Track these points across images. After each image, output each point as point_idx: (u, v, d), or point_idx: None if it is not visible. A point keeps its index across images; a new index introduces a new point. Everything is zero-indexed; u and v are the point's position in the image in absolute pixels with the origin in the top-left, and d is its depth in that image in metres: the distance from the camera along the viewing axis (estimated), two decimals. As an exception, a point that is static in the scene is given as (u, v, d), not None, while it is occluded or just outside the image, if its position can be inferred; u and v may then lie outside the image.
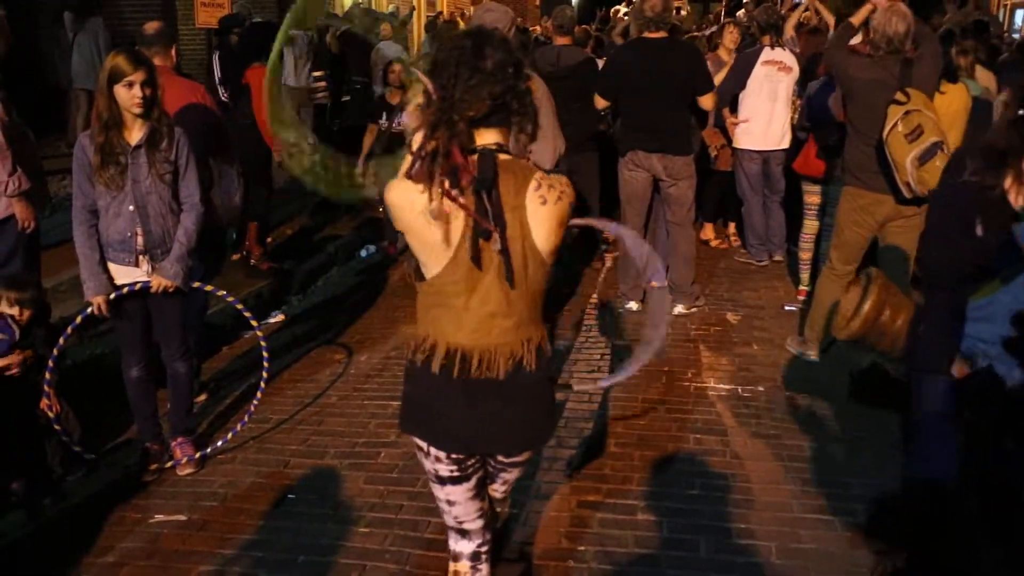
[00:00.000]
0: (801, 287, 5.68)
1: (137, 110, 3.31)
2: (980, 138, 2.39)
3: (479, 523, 2.34)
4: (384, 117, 6.82)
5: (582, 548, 3.12)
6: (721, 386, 4.45)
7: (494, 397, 2.09)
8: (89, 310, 3.48)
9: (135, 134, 3.36)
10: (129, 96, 3.28)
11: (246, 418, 3.92)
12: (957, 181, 2.36)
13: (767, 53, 6.01)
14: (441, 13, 17.77)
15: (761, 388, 4.41)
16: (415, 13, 15.43)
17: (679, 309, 5.45)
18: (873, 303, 3.08)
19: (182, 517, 3.37)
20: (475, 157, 1.99)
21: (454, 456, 2.18)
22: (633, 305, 5.49)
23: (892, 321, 3.07)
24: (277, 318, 5.62)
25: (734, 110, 6.22)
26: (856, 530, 3.19)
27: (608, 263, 6.41)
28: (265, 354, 3.88)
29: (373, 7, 15.25)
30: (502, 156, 2.02)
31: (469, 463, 2.22)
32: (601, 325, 5.32)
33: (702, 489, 3.47)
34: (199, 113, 4.42)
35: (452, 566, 2.41)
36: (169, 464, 3.68)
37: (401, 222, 2.04)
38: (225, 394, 4.47)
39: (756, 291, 5.93)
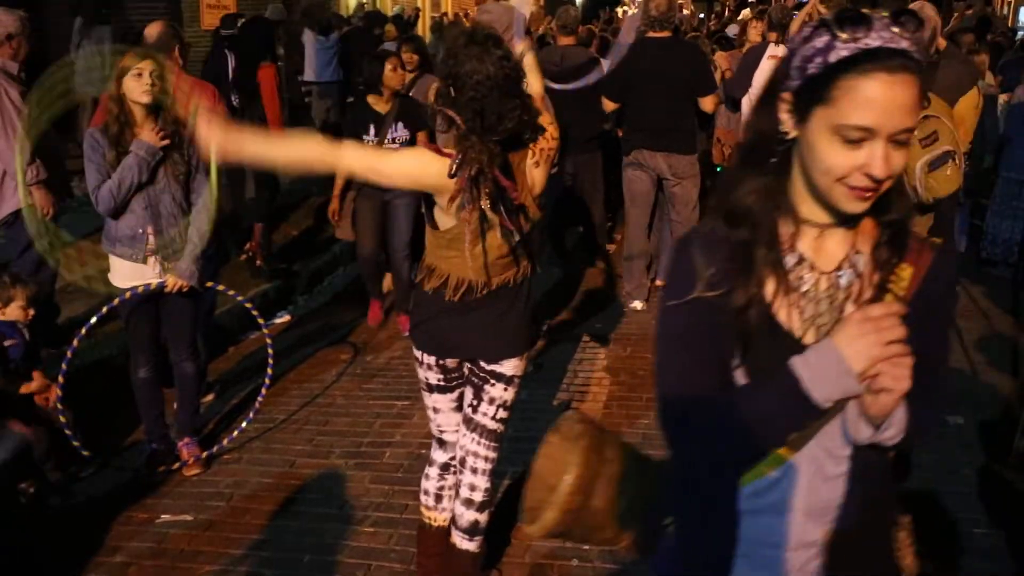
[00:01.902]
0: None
1: (145, 99, 3.27)
2: (712, 213, 1.37)
3: (454, 436, 2.75)
4: (372, 132, 4.90)
5: (587, 548, 3.13)
6: (726, 385, 4.45)
7: (479, 310, 2.52)
8: (105, 309, 3.50)
9: (146, 135, 3.34)
10: (138, 85, 3.26)
11: (251, 415, 3.94)
12: (685, 300, 1.30)
13: (772, 49, 6.02)
14: (446, 14, 17.78)
15: (766, 387, 4.41)
16: (420, 14, 15.45)
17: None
18: (575, 481, 1.59)
19: (188, 517, 3.39)
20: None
21: (442, 363, 2.62)
22: (638, 304, 5.49)
23: (609, 505, 1.66)
24: (283, 318, 5.64)
25: (737, 108, 6.22)
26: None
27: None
28: (270, 351, 3.90)
29: (378, 8, 15.28)
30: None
31: (454, 375, 2.66)
32: (605, 324, 5.33)
33: (707, 488, 3.47)
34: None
35: (426, 471, 2.84)
36: (176, 465, 3.70)
37: (423, 187, 2.43)
38: (231, 395, 4.49)
39: (761, 290, 5.92)
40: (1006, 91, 6.73)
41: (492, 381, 2.61)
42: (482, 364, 2.61)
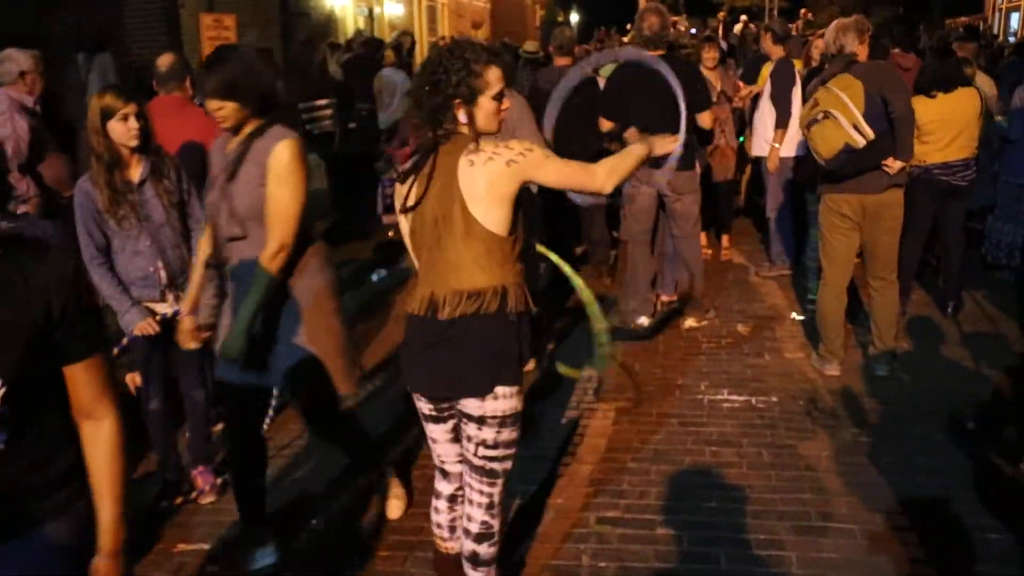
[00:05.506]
0: (810, 296, 5.69)
1: (135, 142, 3.27)
2: None
3: (457, 467, 2.68)
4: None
5: (603, 564, 3.14)
6: (734, 398, 4.47)
7: (441, 342, 2.37)
8: (125, 340, 3.54)
9: (135, 171, 3.35)
10: (125, 129, 3.24)
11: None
12: None
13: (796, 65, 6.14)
14: (444, 38, 17.95)
15: (774, 398, 4.43)
16: (417, 37, 15.57)
17: (689, 322, 5.48)
18: None
19: (205, 546, 3.40)
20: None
21: (427, 395, 2.51)
22: (644, 320, 5.51)
23: None
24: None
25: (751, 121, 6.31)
26: (875, 538, 3.19)
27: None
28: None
29: (375, 34, 15.42)
30: (444, 144, 2.34)
31: (444, 406, 2.54)
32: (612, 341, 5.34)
33: (720, 501, 3.49)
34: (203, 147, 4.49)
35: (433, 503, 2.80)
36: (193, 495, 3.72)
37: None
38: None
39: (765, 302, 5.95)
40: (1006, 92, 6.77)
41: (464, 419, 2.50)
42: (456, 402, 2.49)
